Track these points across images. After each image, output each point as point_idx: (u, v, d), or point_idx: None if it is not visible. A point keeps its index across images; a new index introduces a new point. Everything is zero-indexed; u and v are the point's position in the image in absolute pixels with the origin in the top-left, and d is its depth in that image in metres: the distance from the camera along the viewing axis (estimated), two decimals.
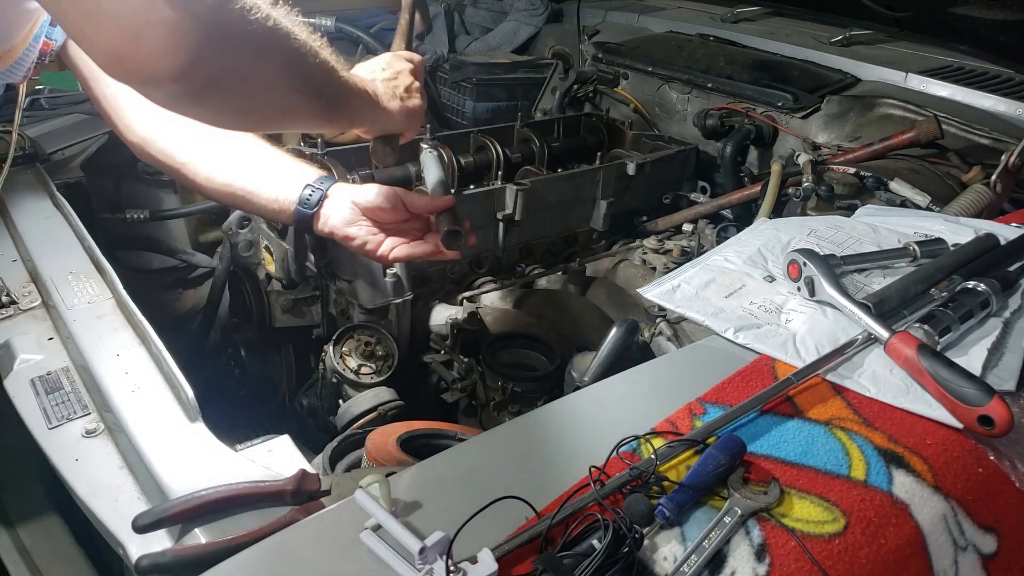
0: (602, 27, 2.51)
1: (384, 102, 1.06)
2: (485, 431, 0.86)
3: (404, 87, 1.10)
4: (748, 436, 0.81)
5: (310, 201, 1.15)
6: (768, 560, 0.69)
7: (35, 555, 1.13)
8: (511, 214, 1.52)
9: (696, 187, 1.85)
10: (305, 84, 0.87)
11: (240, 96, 0.81)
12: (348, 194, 1.15)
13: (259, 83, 0.81)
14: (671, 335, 1.22)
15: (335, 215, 1.15)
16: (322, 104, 0.92)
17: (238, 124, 0.94)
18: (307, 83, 0.87)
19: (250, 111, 0.86)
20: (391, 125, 1.09)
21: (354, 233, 1.15)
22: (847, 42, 2.14)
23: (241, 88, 0.79)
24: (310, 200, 1.15)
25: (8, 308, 1.14)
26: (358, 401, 1.19)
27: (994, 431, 0.81)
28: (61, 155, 1.63)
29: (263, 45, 0.78)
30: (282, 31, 0.80)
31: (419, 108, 1.11)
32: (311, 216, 1.15)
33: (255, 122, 0.93)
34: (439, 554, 0.62)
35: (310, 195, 1.15)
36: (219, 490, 0.78)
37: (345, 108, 0.97)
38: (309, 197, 1.15)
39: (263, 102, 0.84)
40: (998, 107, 1.75)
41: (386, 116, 1.06)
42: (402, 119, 1.09)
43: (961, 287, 1.03)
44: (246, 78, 0.78)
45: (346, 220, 1.14)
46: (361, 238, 1.14)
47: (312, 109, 0.92)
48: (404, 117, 1.09)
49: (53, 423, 0.93)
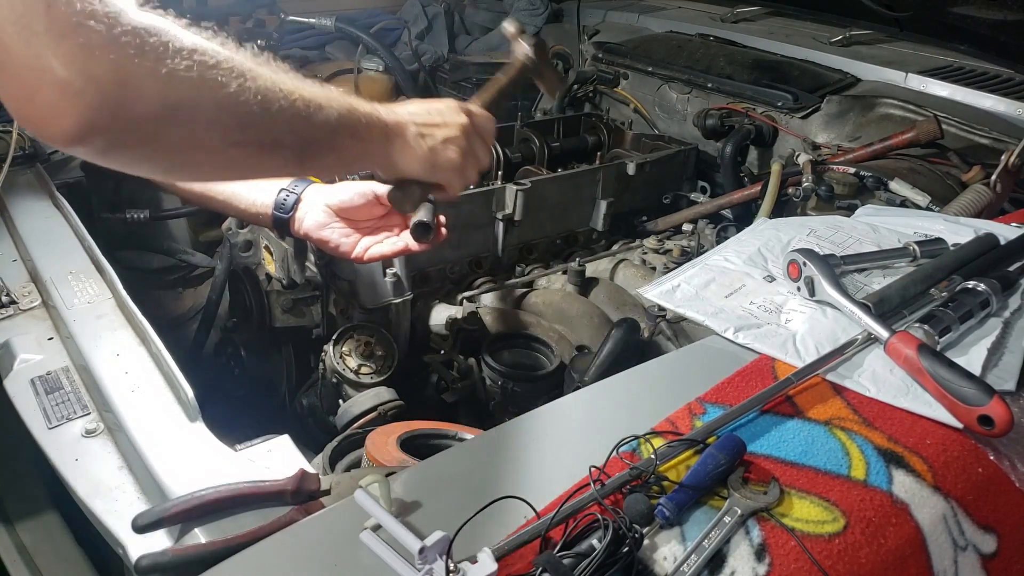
0: (602, 27, 2.51)
1: (407, 142, 0.97)
2: (485, 431, 0.85)
3: (444, 137, 0.99)
4: (748, 436, 0.81)
5: (285, 205, 1.15)
6: (768, 560, 0.69)
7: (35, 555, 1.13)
8: (511, 214, 1.52)
9: (696, 187, 1.85)
10: (251, 136, 0.78)
11: (158, 156, 0.74)
12: (321, 197, 1.15)
13: (177, 142, 0.72)
14: (671, 335, 1.22)
15: (308, 219, 1.15)
16: (286, 155, 0.83)
17: (171, 178, 0.86)
18: (256, 135, 0.78)
19: (179, 168, 0.79)
20: (408, 169, 0.99)
21: (327, 236, 1.15)
22: (847, 42, 2.14)
23: (154, 148, 0.72)
24: (285, 204, 1.14)
25: (8, 308, 1.14)
26: (358, 401, 1.19)
27: (994, 431, 0.81)
28: (61, 155, 1.63)
29: (178, 103, 0.69)
30: (213, 81, 0.72)
31: (452, 163, 1.00)
32: (287, 220, 1.15)
33: (192, 177, 0.86)
34: (439, 554, 0.62)
35: (284, 199, 1.15)
36: (219, 490, 0.78)
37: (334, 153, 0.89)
38: (284, 201, 1.15)
39: (190, 159, 0.76)
40: (998, 107, 1.75)
41: (403, 158, 0.97)
42: (423, 166, 0.98)
43: (961, 287, 1.03)
44: (156, 137, 0.70)
45: (319, 223, 1.14)
46: (334, 241, 1.14)
47: (270, 162, 0.84)
48: (427, 165, 0.98)
49: (53, 423, 0.93)
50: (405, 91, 2.31)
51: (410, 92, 2.31)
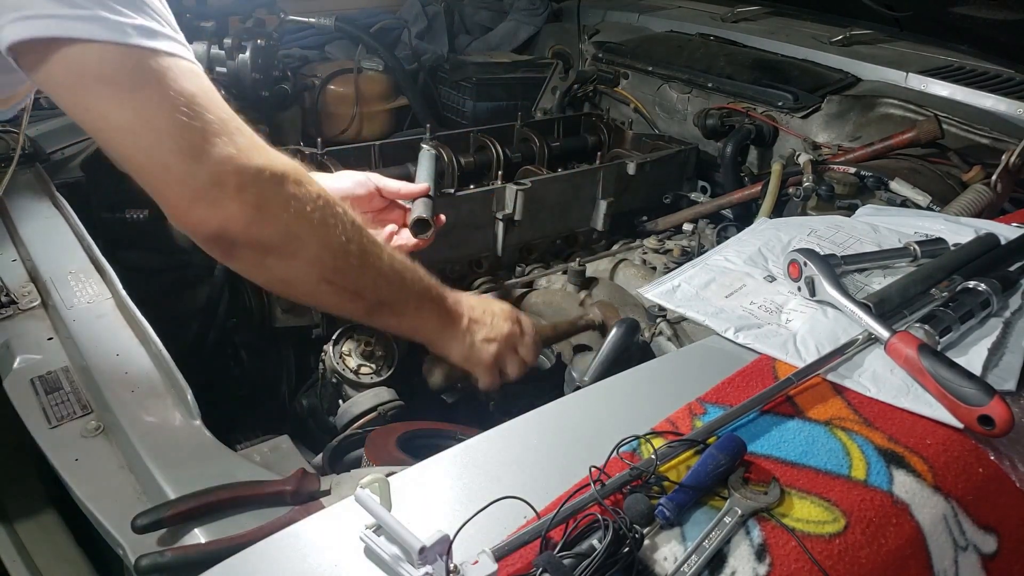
0: (602, 27, 2.51)
1: (457, 330, 1.09)
2: (485, 431, 0.85)
3: (485, 337, 1.11)
4: (748, 436, 0.81)
5: None
6: (768, 560, 0.69)
7: (35, 555, 1.13)
8: (511, 214, 1.52)
9: (696, 187, 1.85)
10: (341, 281, 0.94)
11: (262, 271, 0.90)
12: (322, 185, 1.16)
13: (283, 265, 0.89)
14: (671, 335, 1.22)
15: None
16: (360, 305, 0.98)
17: (266, 287, 1.02)
18: (345, 281, 0.94)
19: (274, 283, 0.94)
20: (449, 351, 1.10)
21: None
22: (847, 42, 2.14)
23: (264, 264, 0.88)
24: None
25: (8, 308, 1.14)
26: (358, 401, 1.19)
27: (994, 431, 0.81)
28: (61, 155, 1.63)
29: (296, 234, 0.87)
30: (329, 226, 0.89)
31: (484, 361, 1.12)
32: None
33: (279, 291, 1.02)
34: (439, 554, 0.62)
35: None
36: (219, 490, 0.78)
37: (396, 318, 1.03)
38: None
39: (286, 279, 0.92)
40: (998, 107, 1.75)
41: (448, 342, 1.09)
42: (461, 355, 1.11)
43: (961, 287, 1.03)
44: (270, 255, 0.87)
45: None
46: None
47: (346, 305, 0.98)
48: (464, 354, 1.11)
49: (53, 423, 0.93)
50: (405, 91, 2.31)
51: (410, 92, 2.31)
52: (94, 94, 0.78)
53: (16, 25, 0.74)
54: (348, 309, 1.01)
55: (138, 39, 0.77)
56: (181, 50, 0.82)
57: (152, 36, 0.78)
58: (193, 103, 0.79)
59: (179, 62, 0.81)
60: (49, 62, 0.76)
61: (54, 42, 0.75)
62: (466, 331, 1.10)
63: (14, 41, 0.75)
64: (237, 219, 0.82)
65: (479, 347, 1.11)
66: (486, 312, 1.14)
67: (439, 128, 1.97)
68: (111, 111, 0.78)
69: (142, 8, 0.79)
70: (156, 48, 0.79)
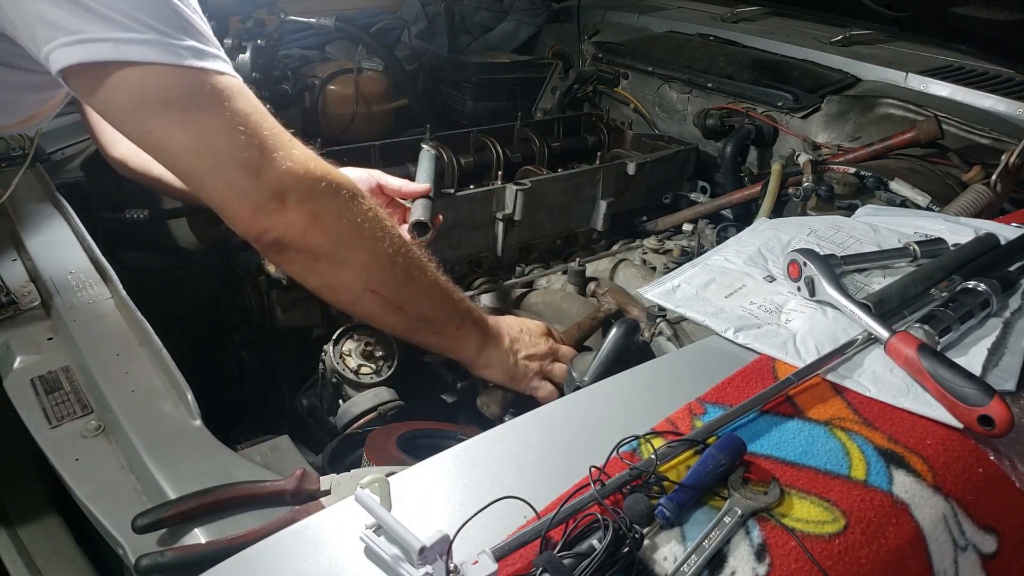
0: (602, 27, 2.51)
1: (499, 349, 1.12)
2: (485, 431, 0.85)
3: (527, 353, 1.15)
4: (748, 436, 0.81)
5: None
6: (768, 560, 0.69)
7: (35, 555, 1.13)
8: (511, 214, 1.52)
9: (696, 187, 1.85)
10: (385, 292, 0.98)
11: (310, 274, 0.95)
12: None
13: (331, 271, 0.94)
14: (671, 335, 1.22)
15: None
16: (402, 319, 1.02)
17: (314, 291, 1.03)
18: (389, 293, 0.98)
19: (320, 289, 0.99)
20: (490, 370, 1.14)
21: None
22: (847, 42, 2.14)
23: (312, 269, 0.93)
24: None
25: (8, 308, 1.14)
26: (358, 401, 1.19)
27: (994, 431, 0.81)
28: (61, 155, 1.63)
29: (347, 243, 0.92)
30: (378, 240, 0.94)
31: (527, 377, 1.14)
32: None
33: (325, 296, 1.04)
34: (439, 554, 0.62)
35: None
36: (219, 490, 0.78)
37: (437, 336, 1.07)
38: None
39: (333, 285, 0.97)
40: (998, 107, 1.75)
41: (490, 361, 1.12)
42: (505, 373, 1.14)
43: (961, 287, 1.03)
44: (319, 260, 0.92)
45: None
46: None
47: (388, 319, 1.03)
48: (511, 373, 1.14)
49: (53, 423, 0.93)
50: (405, 91, 2.31)
51: (410, 92, 2.31)
52: (156, 117, 0.79)
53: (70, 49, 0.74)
54: (390, 322, 1.05)
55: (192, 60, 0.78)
56: (228, 68, 0.84)
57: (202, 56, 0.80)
58: (248, 120, 0.82)
59: (230, 81, 0.83)
60: (106, 86, 0.77)
61: (111, 65, 0.75)
62: (508, 351, 1.13)
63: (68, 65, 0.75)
64: (296, 227, 0.87)
65: (522, 365, 1.14)
66: (523, 331, 1.17)
67: (439, 128, 1.97)
68: (175, 134, 0.80)
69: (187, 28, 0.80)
70: (207, 68, 0.80)
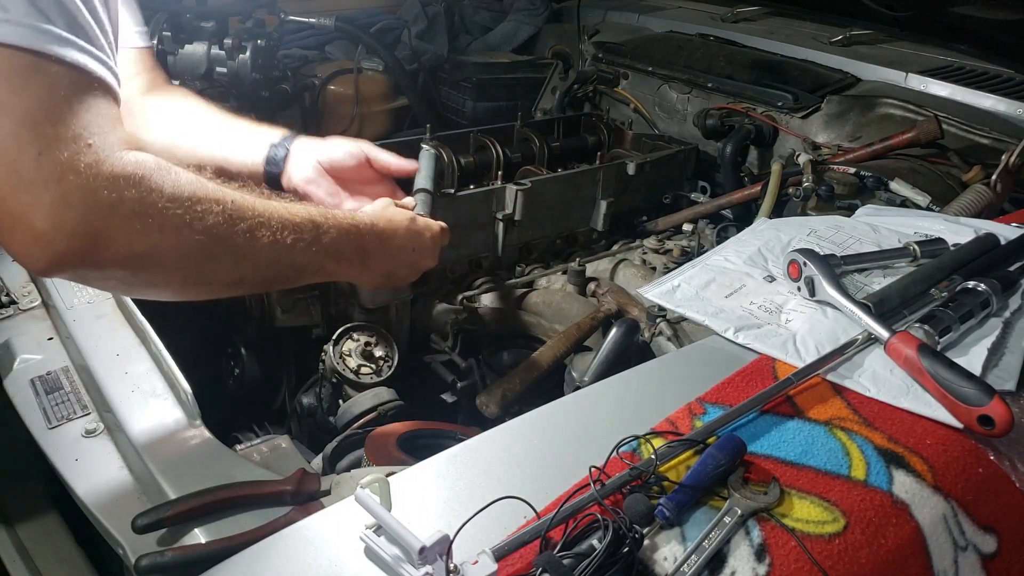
0: (602, 27, 2.50)
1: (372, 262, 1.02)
2: (485, 431, 0.85)
3: (409, 257, 1.10)
4: (748, 436, 0.81)
5: (276, 158, 1.15)
6: (768, 560, 0.69)
7: (35, 555, 1.13)
8: (511, 214, 1.52)
9: (696, 187, 1.84)
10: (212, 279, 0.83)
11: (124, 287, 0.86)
12: (312, 151, 1.16)
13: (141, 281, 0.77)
14: (671, 335, 1.22)
15: (297, 172, 1.15)
16: (244, 288, 0.95)
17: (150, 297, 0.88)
18: (214, 277, 0.83)
19: (147, 294, 0.85)
20: (366, 285, 1.10)
21: (312, 191, 1.15)
22: (847, 42, 2.14)
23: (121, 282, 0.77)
24: (276, 158, 1.15)
25: (8, 308, 1.14)
26: (358, 401, 1.19)
27: (994, 431, 0.81)
28: None
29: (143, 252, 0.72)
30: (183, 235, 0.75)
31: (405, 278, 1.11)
32: (279, 175, 1.15)
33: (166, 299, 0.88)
34: (439, 554, 0.62)
35: (275, 154, 1.15)
36: (219, 490, 0.78)
37: (295, 283, 0.96)
38: (275, 156, 1.15)
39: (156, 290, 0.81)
40: (998, 107, 1.75)
41: (366, 278, 1.05)
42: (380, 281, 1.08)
43: (961, 287, 1.03)
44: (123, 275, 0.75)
45: (307, 178, 1.15)
46: (318, 197, 1.15)
47: (229, 292, 0.95)
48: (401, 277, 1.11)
49: (53, 423, 0.93)
50: (405, 91, 2.31)
51: (410, 92, 2.31)
52: None
53: None
54: (233, 293, 0.99)
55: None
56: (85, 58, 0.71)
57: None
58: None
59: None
60: None
61: None
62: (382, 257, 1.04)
63: None
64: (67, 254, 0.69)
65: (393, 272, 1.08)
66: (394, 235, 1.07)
67: (439, 128, 1.97)
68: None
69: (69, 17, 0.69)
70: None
